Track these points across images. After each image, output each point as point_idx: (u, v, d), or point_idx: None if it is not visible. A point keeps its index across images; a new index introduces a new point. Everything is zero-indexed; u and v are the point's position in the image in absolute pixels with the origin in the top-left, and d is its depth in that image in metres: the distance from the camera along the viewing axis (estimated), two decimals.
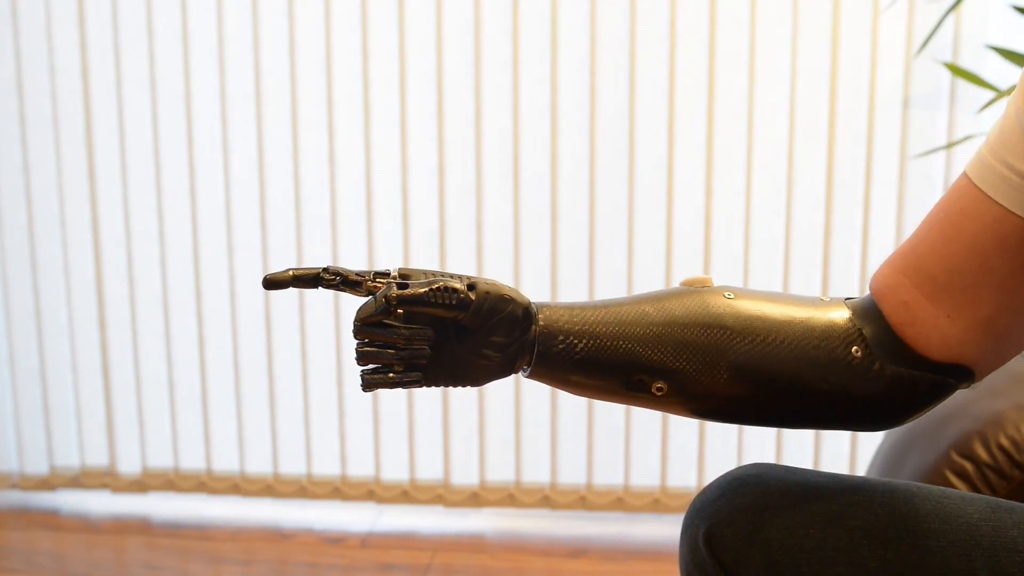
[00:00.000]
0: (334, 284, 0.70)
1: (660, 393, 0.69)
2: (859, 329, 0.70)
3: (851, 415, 0.71)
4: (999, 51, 1.68)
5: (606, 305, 0.71)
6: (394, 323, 0.66)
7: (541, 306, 0.70)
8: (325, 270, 0.70)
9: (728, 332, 0.68)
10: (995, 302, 0.67)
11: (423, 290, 0.66)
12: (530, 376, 0.70)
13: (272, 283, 0.69)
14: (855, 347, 0.69)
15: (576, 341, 0.68)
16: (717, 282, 0.74)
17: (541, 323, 0.69)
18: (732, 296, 0.70)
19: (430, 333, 0.67)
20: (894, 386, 0.69)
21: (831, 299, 0.72)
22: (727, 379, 0.68)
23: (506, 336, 0.68)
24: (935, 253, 0.69)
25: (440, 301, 0.66)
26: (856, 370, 0.69)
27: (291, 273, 0.70)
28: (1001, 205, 0.66)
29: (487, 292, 0.67)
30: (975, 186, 0.67)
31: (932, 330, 0.69)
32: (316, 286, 0.70)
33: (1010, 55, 1.66)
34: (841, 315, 0.71)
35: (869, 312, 0.71)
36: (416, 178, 2.07)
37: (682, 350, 0.68)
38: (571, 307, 0.70)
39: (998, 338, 0.69)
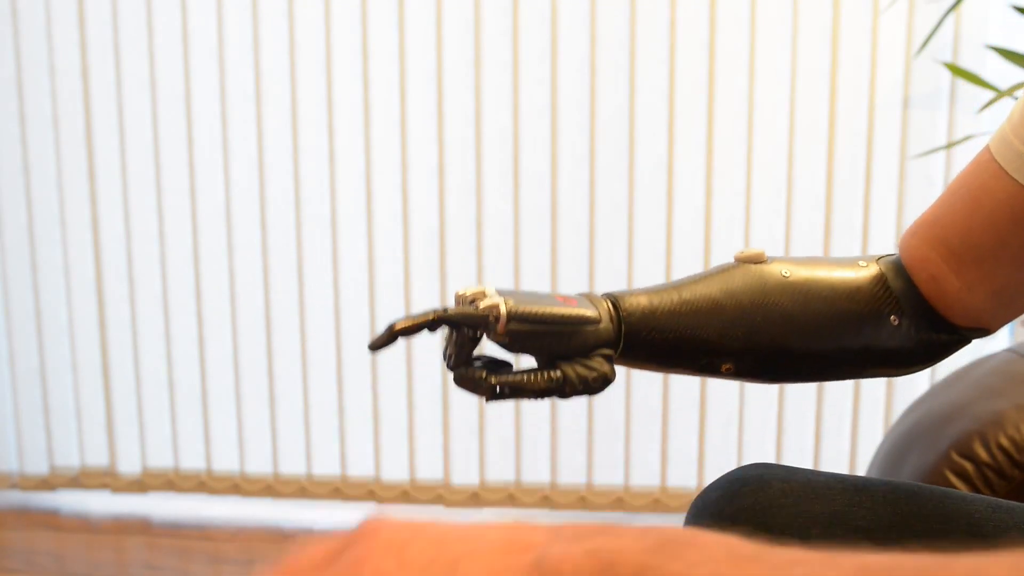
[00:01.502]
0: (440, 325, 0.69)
1: (728, 372, 0.74)
2: (896, 298, 0.75)
3: (884, 365, 0.77)
4: (999, 51, 1.68)
5: (679, 290, 0.75)
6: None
7: (621, 299, 0.73)
8: (434, 322, 0.67)
9: (788, 316, 0.74)
10: (1008, 274, 0.72)
11: (520, 378, 0.68)
12: (615, 363, 0.74)
13: (379, 346, 0.67)
14: (893, 316, 0.75)
15: (656, 335, 0.73)
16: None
17: (625, 320, 0.72)
18: (788, 274, 0.75)
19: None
20: (922, 344, 0.76)
21: (866, 261, 0.77)
22: (787, 354, 0.74)
23: (601, 388, 0.72)
24: (957, 225, 0.73)
25: (537, 394, 0.69)
26: (893, 334, 0.75)
27: (397, 328, 0.66)
28: (1018, 182, 0.69)
29: (580, 384, 0.69)
30: (995, 162, 0.70)
31: (956, 302, 0.74)
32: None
33: (1010, 55, 1.66)
34: (879, 282, 0.76)
35: (901, 276, 0.76)
36: (416, 178, 2.07)
37: (751, 335, 0.74)
38: (649, 295, 0.74)
39: (1009, 304, 0.74)
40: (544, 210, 2.05)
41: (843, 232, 2.00)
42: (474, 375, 0.68)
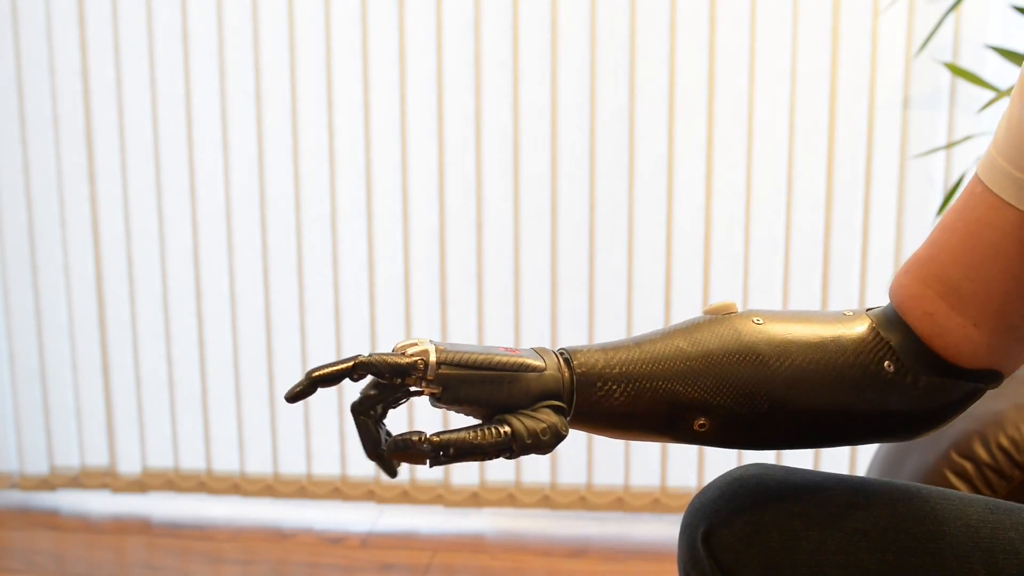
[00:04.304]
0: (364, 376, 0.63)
1: (702, 429, 0.67)
2: (887, 342, 0.69)
3: (888, 429, 0.71)
4: (999, 51, 1.68)
5: (639, 343, 0.68)
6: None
7: (575, 352, 0.67)
8: (354, 368, 0.62)
9: (764, 361, 0.67)
10: (1021, 309, 0.67)
11: (466, 435, 0.63)
12: (569, 425, 0.67)
13: (297, 396, 0.63)
14: (887, 362, 0.68)
15: (614, 387, 0.66)
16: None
17: (577, 371, 0.66)
18: (761, 321, 0.69)
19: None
20: (928, 395, 0.68)
21: (853, 312, 0.71)
22: (768, 409, 0.67)
23: (553, 443, 0.65)
24: (957, 262, 0.67)
25: (487, 452, 0.63)
26: (891, 384, 0.68)
27: (314, 375, 0.62)
28: (1020, 209, 0.64)
29: (529, 439, 0.63)
30: (991, 191, 0.66)
31: (961, 340, 0.68)
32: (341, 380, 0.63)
33: (1010, 55, 1.66)
34: (868, 329, 0.69)
35: (893, 323, 0.70)
36: (416, 178, 2.07)
37: (721, 384, 0.67)
38: (604, 349, 0.68)
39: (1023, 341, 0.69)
40: (544, 210, 2.05)
41: (843, 232, 2.00)
42: (409, 439, 0.61)
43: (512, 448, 0.63)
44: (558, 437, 0.64)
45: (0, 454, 2.27)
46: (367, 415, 0.64)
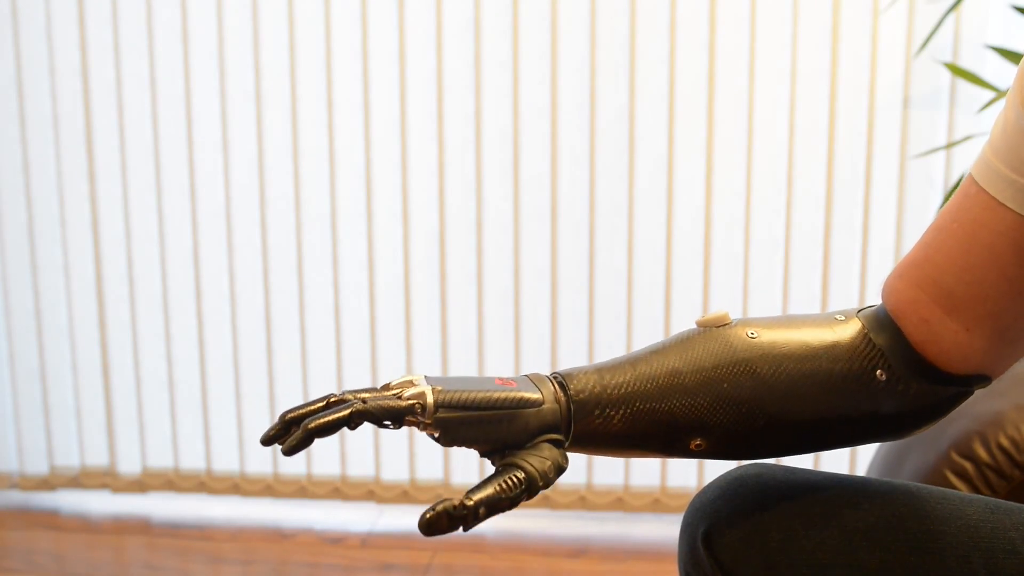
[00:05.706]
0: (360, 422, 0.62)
1: (699, 449, 0.68)
2: (880, 351, 0.69)
3: (878, 431, 0.71)
4: (999, 51, 1.68)
5: (633, 363, 0.68)
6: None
7: (570, 377, 0.67)
8: (351, 418, 0.61)
9: (759, 376, 0.67)
10: (1013, 310, 0.67)
11: (492, 490, 0.61)
12: (567, 450, 0.67)
13: (295, 449, 0.61)
14: (879, 370, 0.68)
15: (611, 412, 0.66)
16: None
17: (574, 398, 0.66)
18: (755, 335, 0.69)
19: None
20: (918, 400, 0.69)
21: (845, 315, 0.71)
22: (764, 425, 0.68)
23: (558, 475, 0.65)
24: (952, 264, 0.67)
25: (513, 503, 0.62)
26: (883, 392, 0.68)
27: (311, 426, 0.60)
28: (1015, 211, 0.64)
29: (541, 481, 0.63)
30: (986, 192, 0.66)
31: (953, 346, 0.68)
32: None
33: (1010, 55, 1.66)
34: (860, 336, 0.70)
35: (885, 327, 0.70)
36: (416, 178, 2.07)
37: (717, 404, 0.67)
38: (600, 371, 0.68)
39: (1014, 343, 0.69)
40: (544, 210, 2.05)
41: (843, 232, 2.00)
42: (447, 510, 0.58)
43: (532, 490, 0.62)
44: (560, 472, 0.64)
45: (0, 454, 2.27)
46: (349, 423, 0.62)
